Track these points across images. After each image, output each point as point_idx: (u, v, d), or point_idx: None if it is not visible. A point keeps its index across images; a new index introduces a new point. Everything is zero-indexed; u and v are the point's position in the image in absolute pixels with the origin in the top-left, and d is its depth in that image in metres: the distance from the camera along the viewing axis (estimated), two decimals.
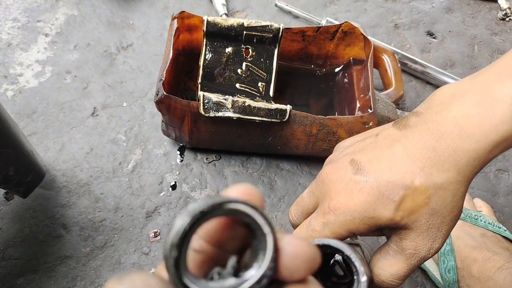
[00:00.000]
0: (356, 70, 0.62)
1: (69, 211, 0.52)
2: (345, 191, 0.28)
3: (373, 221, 0.27)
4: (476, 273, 0.45)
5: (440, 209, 0.27)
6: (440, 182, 0.26)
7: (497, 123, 0.25)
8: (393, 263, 0.29)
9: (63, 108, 0.60)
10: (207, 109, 0.48)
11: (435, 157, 0.26)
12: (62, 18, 0.69)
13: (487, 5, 0.82)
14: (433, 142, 0.27)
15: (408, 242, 0.28)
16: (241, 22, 0.53)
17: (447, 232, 0.28)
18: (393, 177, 0.27)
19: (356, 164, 0.29)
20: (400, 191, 0.26)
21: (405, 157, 0.27)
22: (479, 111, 0.26)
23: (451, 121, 0.27)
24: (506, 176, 0.62)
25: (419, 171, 0.26)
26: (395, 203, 0.27)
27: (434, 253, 0.28)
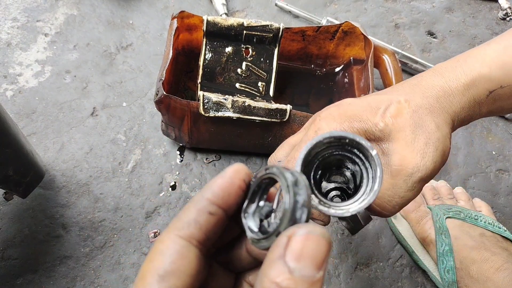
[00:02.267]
0: (356, 70, 0.61)
1: (69, 211, 0.52)
2: (337, 106, 0.31)
3: (360, 125, 0.28)
4: (475, 274, 0.45)
5: (424, 125, 0.28)
6: (421, 103, 0.29)
7: (466, 69, 0.31)
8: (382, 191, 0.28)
9: (63, 108, 0.60)
10: (207, 109, 0.48)
11: (416, 89, 0.31)
12: (61, 17, 0.69)
13: (488, 5, 0.81)
14: (415, 82, 0.31)
15: (394, 156, 0.27)
16: (241, 21, 0.53)
17: (435, 152, 0.27)
18: (381, 97, 0.30)
19: (352, 99, 0.32)
20: (386, 102, 0.29)
21: (390, 90, 0.32)
22: (455, 63, 0.32)
23: (431, 70, 0.33)
24: (506, 176, 0.62)
25: (404, 94, 0.30)
26: (381, 109, 0.29)
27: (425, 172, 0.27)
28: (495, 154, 0.64)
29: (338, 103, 0.32)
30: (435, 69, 0.32)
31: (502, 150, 0.64)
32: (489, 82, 0.30)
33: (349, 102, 0.31)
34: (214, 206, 0.20)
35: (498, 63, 0.30)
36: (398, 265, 0.53)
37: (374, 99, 0.30)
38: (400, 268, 0.53)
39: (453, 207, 0.52)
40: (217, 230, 0.20)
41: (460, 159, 0.63)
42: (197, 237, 0.19)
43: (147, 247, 0.51)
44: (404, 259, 0.53)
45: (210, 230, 0.19)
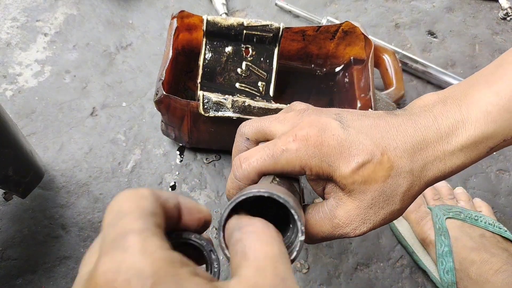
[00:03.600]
0: (356, 70, 0.61)
1: (68, 211, 0.52)
2: (318, 127, 0.27)
3: (328, 169, 0.27)
4: (474, 275, 0.45)
5: (389, 195, 0.27)
6: (405, 168, 0.27)
7: (468, 127, 0.27)
8: (316, 223, 0.29)
9: (62, 108, 0.60)
10: (207, 109, 0.48)
11: (410, 146, 0.27)
12: (61, 17, 0.69)
13: (488, 5, 0.81)
14: (413, 132, 0.27)
15: (342, 212, 0.28)
16: (241, 21, 0.53)
17: (378, 222, 0.28)
18: (366, 138, 0.27)
19: (340, 117, 0.29)
20: (366, 155, 0.26)
21: (385, 130, 0.28)
22: (454, 113, 0.27)
23: (430, 117, 0.28)
24: (507, 176, 0.62)
25: (393, 148, 0.27)
26: (357, 164, 0.26)
27: (354, 235, 0.28)
28: (495, 154, 0.64)
29: (326, 121, 0.28)
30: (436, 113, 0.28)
31: (502, 150, 0.64)
32: (492, 140, 0.27)
33: (333, 131, 0.27)
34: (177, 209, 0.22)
35: (504, 115, 0.26)
36: (399, 265, 0.53)
37: (355, 141, 0.27)
38: (400, 269, 0.53)
39: (453, 207, 0.52)
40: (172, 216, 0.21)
41: None
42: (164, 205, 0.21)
43: None
44: (405, 259, 0.53)
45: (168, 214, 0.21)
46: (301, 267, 0.52)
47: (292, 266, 0.51)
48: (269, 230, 0.20)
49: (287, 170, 0.27)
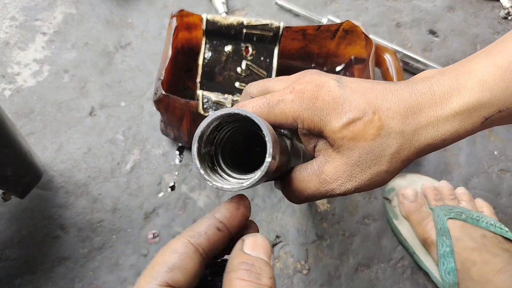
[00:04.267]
0: (357, 69, 0.61)
1: (67, 211, 0.52)
2: (316, 83, 0.28)
3: (319, 123, 0.27)
4: (476, 276, 0.45)
5: (377, 154, 0.27)
6: (395, 129, 0.27)
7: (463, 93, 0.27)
8: (304, 179, 0.29)
9: (61, 108, 0.60)
10: (206, 109, 0.48)
11: (403, 108, 0.27)
12: (60, 16, 0.69)
13: (489, 4, 0.81)
14: (407, 96, 0.27)
15: (330, 167, 0.28)
16: (241, 20, 0.52)
17: (364, 182, 0.28)
18: (361, 97, 0.27)
19: (340, 78, 0.29)
20: (358, 112, 0.27)
21: (381, 93, 0.28)
22: (449, 81, 0.27)
23: (427, 84, 0.28)
24: (508, 176, 0.61)
25: (385, 109, 0.27)
26: (347, 120, 0.27)
27: (340, 193, 0.28)
28: (497, 154, 0.63)
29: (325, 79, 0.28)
30: (432, 83, 0.28)
31: (504, 150, 0.64)
32: (487, 109, 0.27)
33: (329, 88, 0.28)
34: (221, 224, 0.25)
35: (500, 85, 0.26)
36: (400, 266, 0.53)
37: (349, 99, 0.27)
38: (401, 269, 0.52)
39: (455, 208, 0.51)
40: (220, 244, 0.25)
41: (462, 159, 0.62)
42: (203, 246, 0.24)
43: (145, 248, 0.51)
44: (406, 260, 0.53)
45: (215, 242, 0.24)
46: (301, 268, 0.51)
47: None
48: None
49: (280, 120, 0.28)
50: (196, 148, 0.23)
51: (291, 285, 0.50)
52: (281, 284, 0.50)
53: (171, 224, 0.53)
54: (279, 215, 0.55)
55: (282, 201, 0.56)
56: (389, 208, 0.56)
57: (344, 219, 0.55)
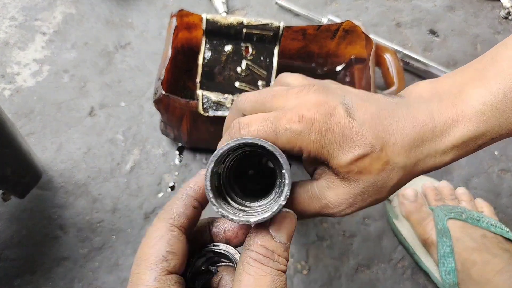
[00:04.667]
0: (357, 69, 0.61)
1: (67, 212, 0.52)
2: (325, 111, 0.27)
3: (327, 155, 0.27)
4: (476, 276, 0.45)
5: (380, 186, 0.28)
6: (399, 164, 0.28)
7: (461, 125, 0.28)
8: (305, 202, 0.29)
9: (61, 108, 0.60)
10: (206, 109, 0.48)
11: (408, 143, 0.28)
12: (59, 16, 0.69)
13: (490, 4, 0.81)
14: (411, 128, 0.28)
15: (332, 194, 0.28)
16: (241, 20, 0.52)
17: (364, 207, 0.29)
18: (369, 131, 0.27)
19: (347, 100, 0.28)
20: (366, 148, 0.27)
21: (388, 123, 0.28)
22: (451, 113, 0.28)
23: (427, 113, 0.28)
24: (509, 176, 0.61)
25: (392, 144, 0.27)
26: (356, 156, 0.27)
27: (338, 216, 0.29)
28: (497, 154, 0.63)
29: (334, 104, 0.28)
30: (432, 112, 0.28)
31: (505, 151, 0.63)
32: (482, 139, 0.28)
33: (339, 119, 0.27)
34: (196, 202, 0.27)
35: (496, 115, 0.27)
36: (400, 266, 0.53)
37: (359, 133, 0.27)
38: (401, 270, 0.52)
39: (455, 208, 0.51)
40: (197, 220, 0.27)
41: (462, 160, 0.62)
42: (185, 225, 0.25)
43: None
44: (406, 260, 0.53)
45: (193, 220, 0.26)
46: (301, 269, 0.51)
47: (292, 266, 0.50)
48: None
49: (285, 148, 0.28)
50: (210, 168, 0.24)
51: (291, 285, 0.50)
52: None
53: None
54: None
55: None
56: (390, 208, 0.55)
57: (344, 219, 0.55)
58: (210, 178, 0.24)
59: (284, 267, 0.24)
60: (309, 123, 0.27)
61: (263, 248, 0.24)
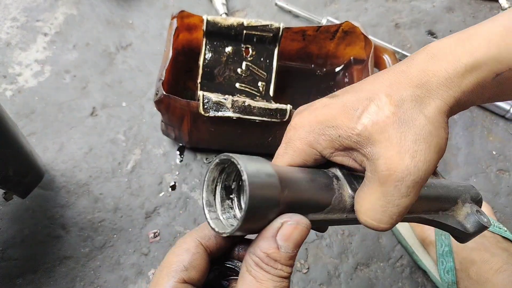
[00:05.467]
0: (356, 70, 0.61)
1: (68, 211, 0.52)
2: (310, 109, 0.27)
3: (334, 132, 0.25)
4: (474, 275, 0.45)
5: (411, 119, 0.24)
6: (406, 95, 0.25)
7: (470, 49, 0.25)
8: (367, 194, 0.24)
9: (62, 108, 0.60)
10: (207, 109, 0.48)
11: (402, 77, 0.25)
12: (61, 17, 0.69)
13: (488, 5, 0.81)
14: (404, 67, 0.26)
15: (379, 160, 0.24)
16: (241, 21, 0.53)
17: (428, 149, 0.24)
18: (360, 93, 0.25)
19: (332, 94, 0.28)
20: (364, 102, 0.25)
21: (372, 80, 0.26)
22: (454, 42, 0.26)
23: (424, 51, 0.26)
24: (507, 176, 0.62)
25: (386, 87, 0.25)
26: (358, 111, 0.25)
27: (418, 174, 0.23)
28: (495, 154, 0.64)
29: (313, 103, 0.27)
30: (430, 50, 0.26)
31: (502, 150, 0.64)
32: (497, 64, 0.25)
33: (324, 103, 0.26)
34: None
35: (508, 42, 0.25)
36: (399, 265, 0.53)
37: (350, 98, 0.25)
38: (400, 269, 0.53)
39: None
40: (225, 249, 0.27)
41: (460, 159, 0.62)
42: (211, 248, 0.26)
43: (146, 247, 0.51)
44: (405, 259, 0.53)
45: (221, 247, 0.26)
46: (301, 267, 0.52)
47: None
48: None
49: (301, 157, 0.27)
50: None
51: (291, 284, 0.50)
52: None
53: (172, 223, 0.53)
54: None
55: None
56: None
57: None
58: (207, 196, 0.24)
59: (288, 274, 0.23)
60: (295, 124, 0.28)
61: (267, 257, 0.22)
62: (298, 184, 0.24)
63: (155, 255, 0.51)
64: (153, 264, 0.50)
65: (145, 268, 0.50)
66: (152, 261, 0.50)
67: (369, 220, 0.25)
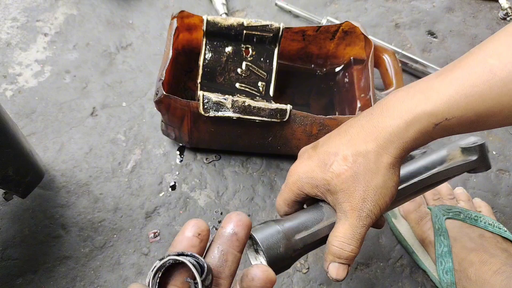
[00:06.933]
0: (356, 70, 0.61)
1: (68, 211, 0.52)
2: (301, 160, 0.37)
3: (312, 181, 0.34)
4: (473, 276, 0.45)
5: (363, 173, 0.32)
6: (361, 150, 0.32)
7: (411, 106, 0.31)
8: (340, 228, 0.33)
9: (62, 108, 0.60)
10: (207, 109, 0.48)
11: (361, 133, 0.33)
12: (61, 17, 0.69)
13: (488, 5, 0.81)
14: (364, 122, 0.33)
15: (345, 203, 0.33)
16: (241, 21, 0.53)
17: (374, 201, 0.32)
18: (330, 148, 0.34)
19: (315, 144, 0.37)
20: (332, 157, 0.33)
21: (343, 135, 0.34)
22: (402, 97, 0.32)
23: (379, 105, 0.33)
24: (507, 176, 0.62)
25: (347, 142, 0.33)
26: (327, 166, 0.33)
27: (370, 214, 0.32)
28: (495, 154, 0.64)
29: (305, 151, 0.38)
30: (383, 105, 0.33)
31: (502, 150, 0.64)
32: (433, 117, 0.30)
33: (309, 155, 0.36)
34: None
35: (443, 98, 0.30)
36: (399, 265, 0.53)
37: (325, 152, 0.34)
38: (400, 269, 0.53)
39: (453, 207, 0.52)
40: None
41: None
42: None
43: (147, 247, 0.51)
44: (405, 259, 0.53)
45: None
46: (301, 267, 0.52)
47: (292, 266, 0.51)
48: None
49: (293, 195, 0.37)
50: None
51: (290, 284, 0.51)
52: (280, 283, 0.50)
53: (172, 223, 0.53)
54: (278, 215, 0.55)
55: None
56: None
57: None
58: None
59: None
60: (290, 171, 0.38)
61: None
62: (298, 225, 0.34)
63: (155, 255, 0.51)
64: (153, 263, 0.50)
65: (145, 268, 0.50)
66: (152, 261, 0.50)
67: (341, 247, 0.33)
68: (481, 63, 0.29)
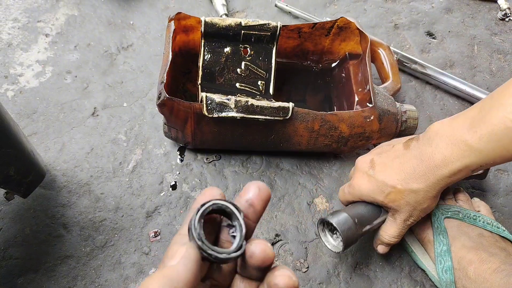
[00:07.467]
0: (352, 65, 0.62)
1: (70, 211, 0.52)
2: (361, 178, 0.48)
3: (372, 200, 0.48)
4: (472, 275, 0.45)
5: (413, 203, 0.46)
6: (414, 188, 0.45)
7: (455, 157, 0.42)
8: (389, 228, 0.48)
9: (64, 108, 0.61)
10: (211, 110, 0.48)
11: (414, 174, 0.44)
12: (62, 18, 0.70)
13: (487, 5, 0.82)
14: (416, 165, 0.45)
15: (397, 215, 0.47)
16: (239, 21, 0.53)
17: (418, 216, 0.47)
18: (387, 180, 0.46)
19: (373, 163, 0.48)
20: (389, 188, 0.46)
21: (398, 169, 0.46)
22: (445, 150, 0.42)
23: (428, 153, 0.44)
24: (505, 176, 0.62)
25: (401, 180, 0.45)
26: (384, 194, 0.46)
27: (410, 223, 0.48)
28: None
29: (361, 166, 0.49)
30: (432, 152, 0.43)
31: None
32: (471, 167, 0.42)
33: (368, 176, 0.48)
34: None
35: (478, 155, 0.40)
36: (398, 264, 0.53)
37: (384, 184, 0.46)
38: (399, 268, 0.53)
39: (452, 207, 0.52)
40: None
41: None
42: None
43: (147, 246, 0.51)
44: (404, 258, 0.54)
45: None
46: (300, 266, 0.52)
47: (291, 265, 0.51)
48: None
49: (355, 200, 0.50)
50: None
51: None
52: None
53: (173, 222, 0.53)
54: (278, 214, 0.55)
55: (281, 200, 0.57)
56: None
57: None
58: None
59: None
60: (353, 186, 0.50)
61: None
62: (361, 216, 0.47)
63: (156, 254, 0.51)
64: (154, 263, 0.50)
65: (146, 267, 0.50)
66: (153, 260, 0.50)
67: (389, 240, 0.49)
68: (502, 120, 0.38)
